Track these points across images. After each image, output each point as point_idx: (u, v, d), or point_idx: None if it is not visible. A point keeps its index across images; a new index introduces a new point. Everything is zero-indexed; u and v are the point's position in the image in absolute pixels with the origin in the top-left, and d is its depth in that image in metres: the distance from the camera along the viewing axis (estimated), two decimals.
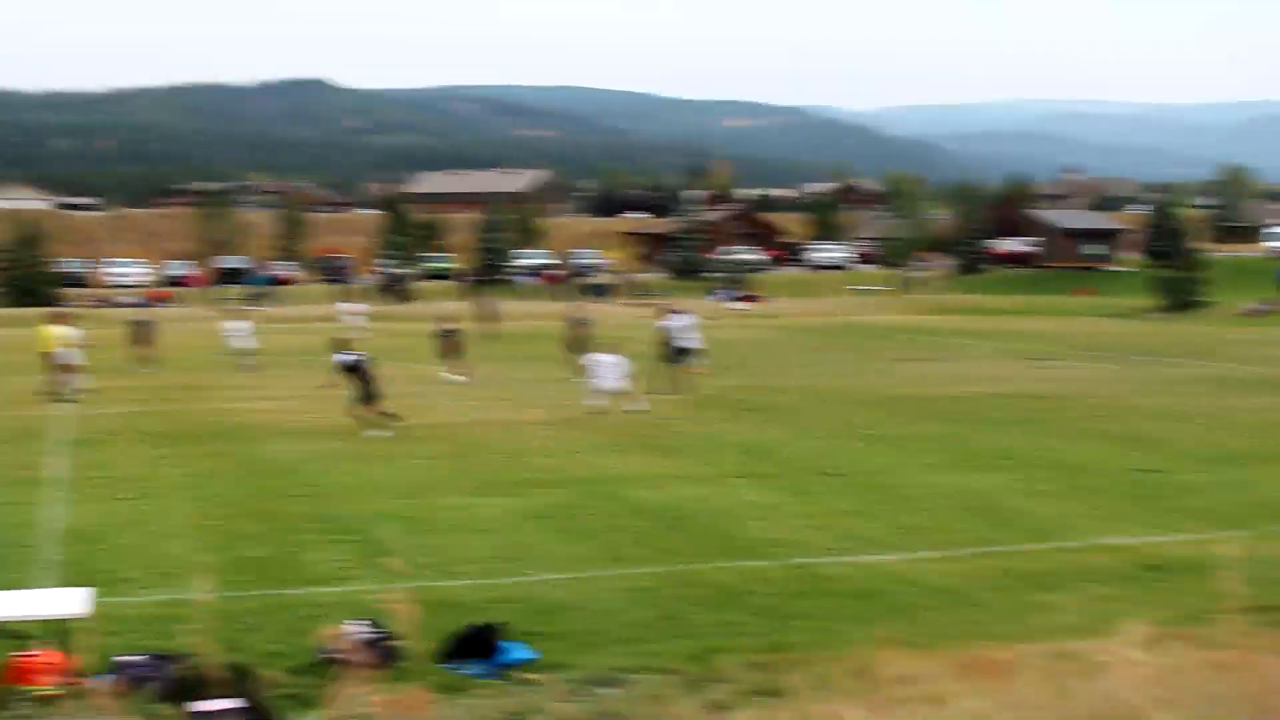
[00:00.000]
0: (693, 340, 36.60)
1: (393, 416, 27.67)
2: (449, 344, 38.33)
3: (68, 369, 34.89)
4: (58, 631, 11.64)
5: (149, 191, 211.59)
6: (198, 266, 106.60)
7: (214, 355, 42.88)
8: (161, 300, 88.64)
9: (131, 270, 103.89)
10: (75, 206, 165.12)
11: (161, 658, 11.69)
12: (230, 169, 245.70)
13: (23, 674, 11.24)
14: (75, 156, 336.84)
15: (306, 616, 13.54)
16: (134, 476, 22.55)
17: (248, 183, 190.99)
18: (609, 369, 30.82)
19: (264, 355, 43.52)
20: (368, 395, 27.81)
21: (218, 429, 28.56)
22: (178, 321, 63.80)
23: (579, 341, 38.72)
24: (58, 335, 35.29)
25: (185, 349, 41.30)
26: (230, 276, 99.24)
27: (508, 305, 69.99)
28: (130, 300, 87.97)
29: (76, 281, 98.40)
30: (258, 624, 13.28)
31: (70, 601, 12.10)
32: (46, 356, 35.03)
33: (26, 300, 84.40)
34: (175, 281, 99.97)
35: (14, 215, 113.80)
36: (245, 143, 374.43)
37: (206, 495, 20.78)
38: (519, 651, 12.11)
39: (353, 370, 27.92)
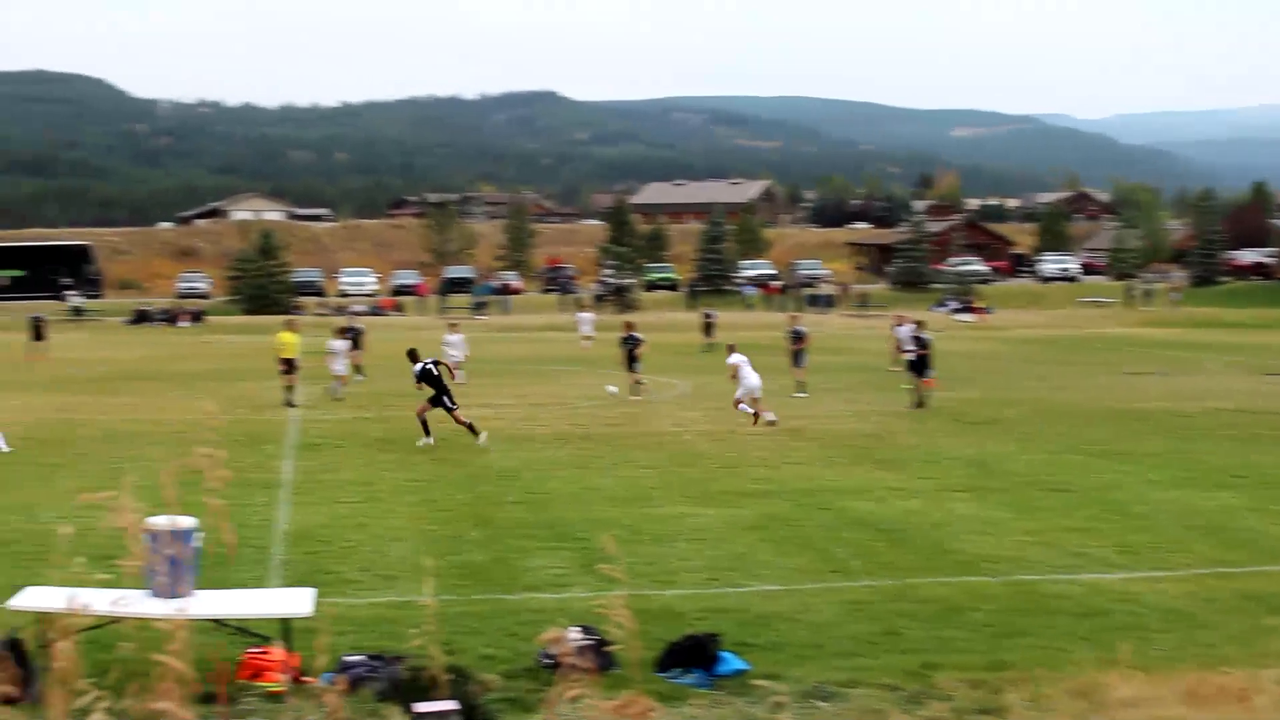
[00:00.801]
0: (913, 351, 36.65)
1: (470, 428, 27.53)
2: (628, 353, 38.06)
3: (329, 370, 36.59)
4: (284, 630, 11.91)
5: (380, 202, 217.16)
6: (426, 276, 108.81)
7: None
8: (390, 309, 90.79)
9: (362, 279, 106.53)
10: (309, 217, 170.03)
11: (383, 658, 11.88)
12: (459, 180, 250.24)
13: (252, 670, 11.54)
14: (311, 169, 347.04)
15: (524, 621, 13.64)
16: (358, 481, 23.04)
17: (475, 193, 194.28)
18: (751, 373, 30.96)
19: (488, 363, 44.11)
20: (439, 401, 27.78)
21: (440, 435, 28.99)
22: (404, 330, 65.20)
23: (795, 354, 38.40)
24: (294, 342, 36.29)
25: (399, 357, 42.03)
26: (457, 286, 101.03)
27: (730, 315, 70.07)
28: (361, 309, 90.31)
29: (311, 290, 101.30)
30: (476, 628, 13.41)
31: (296, 601, 12.37)
32: (282, 362, 36.05)
33: (263, 308, 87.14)
34: (404, 290, 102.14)
35: (253, 226, 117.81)
36: (474, 154, 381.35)
37: (428, 500, 21.11)
38: (734, 662, 12.02)
39: (426, 378, 28.01)
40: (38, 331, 54.48)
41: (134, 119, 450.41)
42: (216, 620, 11.82)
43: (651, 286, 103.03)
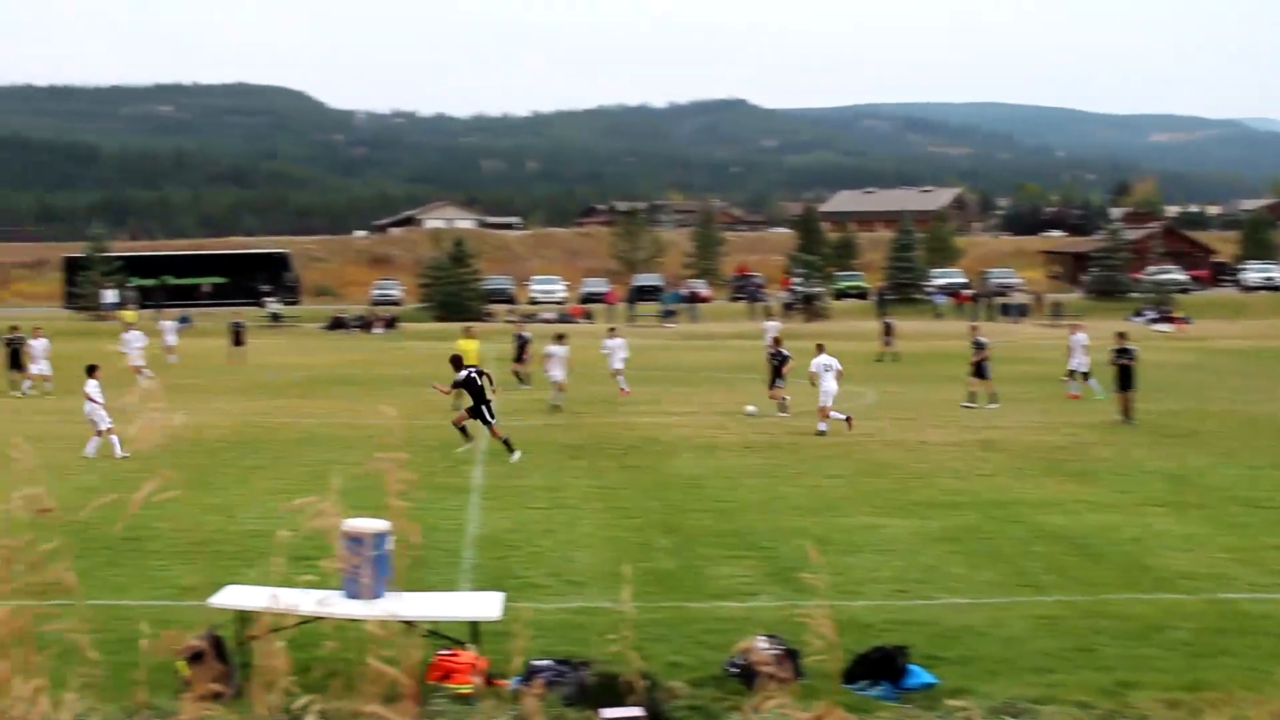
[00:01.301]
0: (1083, 361, 37.82)
1: (506, 444, 27.07)
2: (775, 368, 37.06)
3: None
4: (474, 633, 12.05)
5: (569, 210, 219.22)
6: (614, 284, 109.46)
7: (626, 370, 43.70)
8: (579, 316, 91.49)
9: (552, 287, 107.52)
10: (500, 225, 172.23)
11: (571, 663, 11.94)
12: (647, 188, 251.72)
13: (442, 672, 11.69)
14: (502, 177, 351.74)
15: (711, 630, 13.64)
16: (546, 487, 23.24)
17: (664, 202, 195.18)
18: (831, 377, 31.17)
19: (676, 371, 44.15)
20: (478, 411, 27.47)
21: (627, 443, 29.14)
22: (592, 337, 65.63)
23: (978, 364, 37.74)
24: (473, 349, 36.76)
25: (598, 364, 42.31)
26: (645, 294, 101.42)
27: (920, 325, 69.29)
28: (549, 316, 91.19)
29: (501, 297, 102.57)
30: (664, 635, 13.43)
31: (486, 605, 12.51)
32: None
33: (455, 315, 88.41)
34: (592, 298, 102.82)
35: (445, 234, 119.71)
36: (662, 162, 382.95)
37: (616, 507, 21.21)
38: (922, 676, 11.87)
39: (466, 385, 27.80)
40: (237, 337, 56.09)
41: (331, 130, 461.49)
42: (408, 622, 12.00)
43: (840, 295, 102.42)
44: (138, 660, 10.68)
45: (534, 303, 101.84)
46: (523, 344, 43.37)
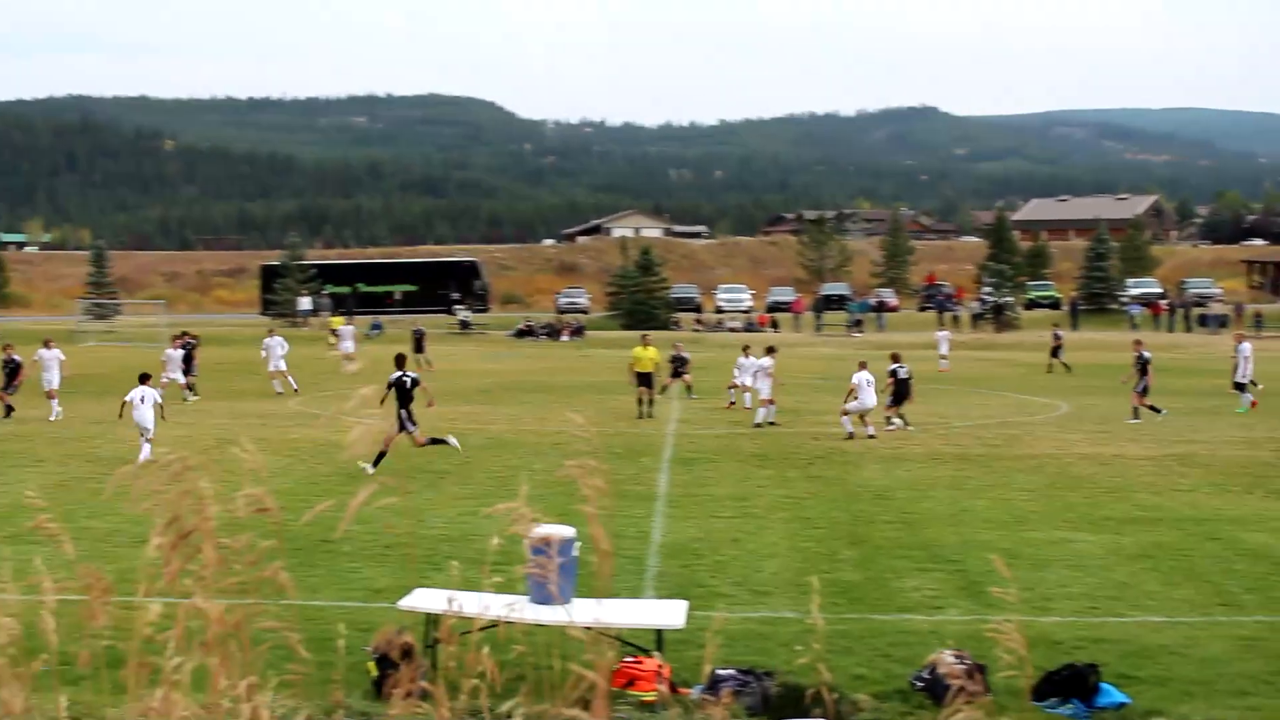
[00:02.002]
0: (1247, 372, 37.71)
1: (442, 442, 26.65)
2: (898, 387, 35.76)
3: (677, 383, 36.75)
4: (658, 641, 12.05)
5: (756, 219, 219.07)
6: (801, 293, 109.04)
7: (812, 379, 43.53)
8: (765, 325, 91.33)
9: (739, 296, 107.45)
10: (687, 234, 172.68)
11: (755, 673, 11.88)
12: (835, 197, 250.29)
13: (626, 679, 11.70)
14: (689, 186, 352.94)
15: (896, 643, 13.48)
16: (733, 495, 23.19)
17: (852, 210, 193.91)
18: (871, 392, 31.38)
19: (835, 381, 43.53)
20: (400, 416, 26.29)
21: (814, 452, 28.98)
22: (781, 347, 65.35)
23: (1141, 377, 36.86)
24: (650, 357, 36.91)
25: (784, 373, 42.11)
26: (833, 303, 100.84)
27: (1115, 336, 67.76)
28: (735, 325, 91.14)
29: (688, 306, 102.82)
30: (848, 647, 13.30)
31: (671, 613, 12.50)
32: (635, 376, 36.67)
33: (641, 324, 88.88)
34: (779, 307, 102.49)
35: (632, 242, 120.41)
36: (851, 171, 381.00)
37: (802, 517, 21.08)
38: (1114, 695, 11.57)
39: (394, 386, 26.74)
40: (418, 344, 57.05)
41: (522, 139, 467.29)
42: (589, 628, 12.03)
43: (1031, 305, 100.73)
44: (331, 659, 10.91)
45: (720, 311, 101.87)
46: (681, 361, 42.92)
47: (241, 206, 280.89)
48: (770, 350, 36.74)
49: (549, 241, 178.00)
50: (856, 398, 31.64)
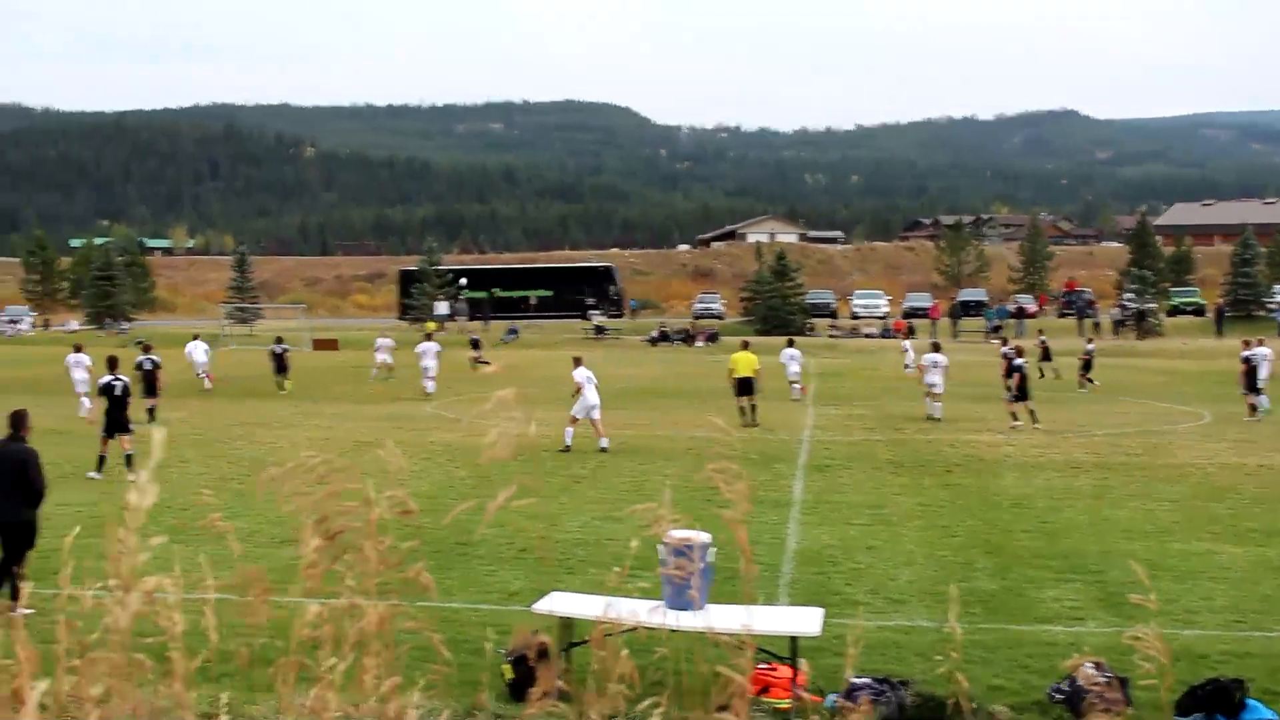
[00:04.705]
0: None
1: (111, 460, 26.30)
2: (1018, 383, 35.89)
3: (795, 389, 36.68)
4: (793, 648, 11.99)
5: (892, 225, 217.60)
6: (938, 299, 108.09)
7: (950, 385, 42.95)
8: (901, 331, 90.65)
9: (874, 301, 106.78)
10: (822, 239, 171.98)
11: (890, 682, 11.77)
12: (973, 202, 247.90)
13: (760, 686, 11.67)
14: (824, 191, 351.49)
15: (1034, 654, 13.28)
16: (868, 503, 23.01)
17: (990, 215, 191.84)
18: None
19: (1000, 388, 43.06)
20: (110, 420, 26.28)
21: (950, 460, 28.67)
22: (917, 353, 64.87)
23: (1248, 376, 36.19)
24: (750, 362, 36.75)
25: (915, 380, 41.75)
26: (970, 309, 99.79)
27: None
28: (871, 331, 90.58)
29: (823, 312, 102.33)
30: (985, 657, 13.13)
31: (806, 620, 12.44)
32: (735, 383, 36.47)
33: (776, 329, 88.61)
34: (915, 313, 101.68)
35: (767, 248, 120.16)
36: (988, 175, 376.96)
37: (938, 525, 20.86)
38: (1261, 711, 11.29)
39: (104, 392, 26.71)
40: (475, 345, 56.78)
41: (656, 145, 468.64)
42: (723, 634, 12.01)
43: (1174, 311, 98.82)
44: (468, 661, 11.02)
45: (856, 317, 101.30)
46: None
47: (380, 212, 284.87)
48: (937, 347, 39.36)
49: (684, 247, 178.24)
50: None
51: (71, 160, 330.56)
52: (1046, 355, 53.64)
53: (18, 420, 15.90)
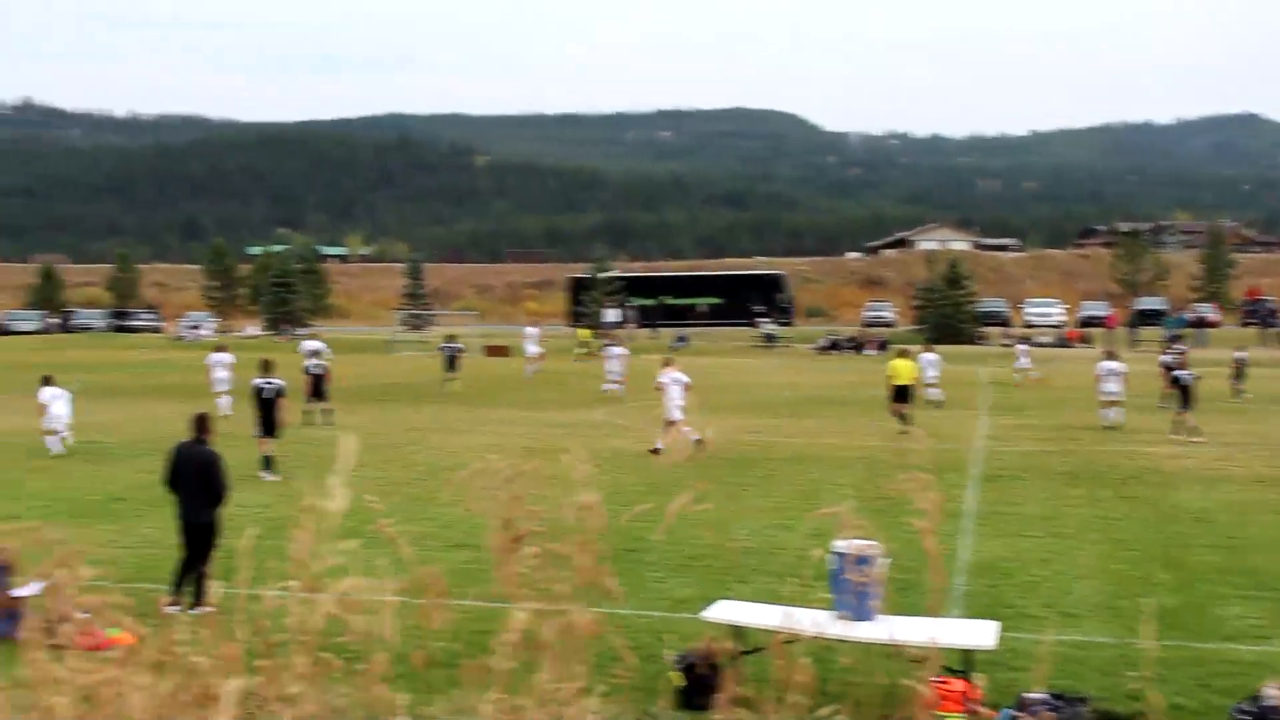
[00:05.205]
0: None
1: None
2: (1183, 392, 35.20)
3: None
4: (966, 661, 11.83)
5: (1068, 232, 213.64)
6: (1115, 307, 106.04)
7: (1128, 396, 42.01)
8: (1076, 340, 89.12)
9: (1048, 310, 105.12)
10: (995, 247, 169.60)
11: (1066, 698, 11.56)
12: (1151, 208, 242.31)
13: (933, 700, 11.52)
14: (998, 198, 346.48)
15: (1216, 673, 12.96)
16: (1042, 515, 22.63)
17: (1169, 222, 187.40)
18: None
19: (1153, 399, 42.00)
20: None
21: (1128, 472, 28.08)
22: (1083, 363, 63.74)
23: None
24: (908, 369, 36.51)
25: (1087, 389, 40.91)
26: (1148, 318, 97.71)
27: None
28: (1046, 340, 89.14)
29: (995, 320, 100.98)
30: (1164, 675, 12.80)
31: (980, 633, 12.27)
32: (893, 390, 36.14)
33: (947, 338, 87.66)
34: (1091, 322, 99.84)
35: (939, 255, 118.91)
36: (1167, 181, 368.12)
37: (1115, 539, 20.43)
38: None
39: (255, 394, 27.63)
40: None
41: (826, 152, 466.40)
42: (895, 646, 11.90)
43: None
44: (641, 667, 11.04)
45: (1029, 326, 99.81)
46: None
47: (550, 220, 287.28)
48: (1112, 354, 39.21)
49: (853, 254, 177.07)
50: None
51: (250, 170, 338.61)
52: (1240, 373, 51.67)
53: (201, 423, 16.34)
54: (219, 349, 41.38)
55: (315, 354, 44.49)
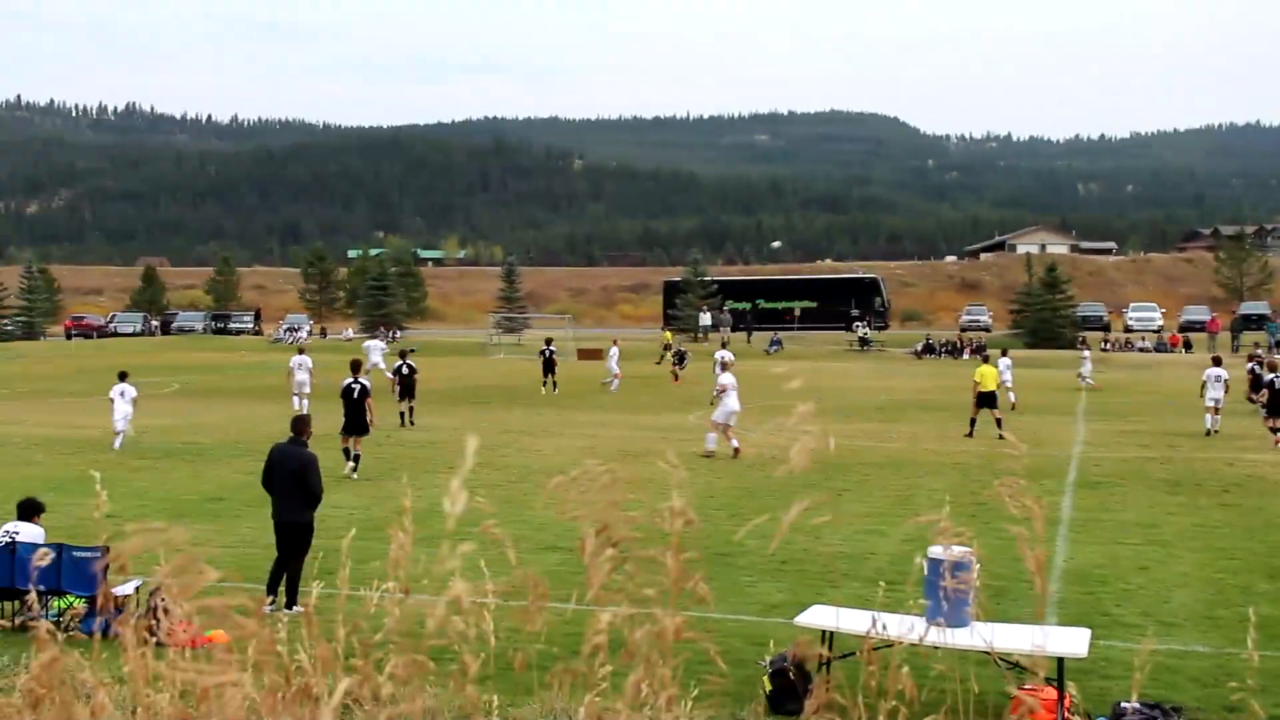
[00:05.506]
0: None
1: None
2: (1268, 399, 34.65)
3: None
4: (1059, 669, 11.75)
5: (1169, 235, 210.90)
6: (1217, 312, 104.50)
7: (1229, 402, 41.36)
8: (1177, 346, 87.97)
9: (1149, 315, 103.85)
10: (1095, 250, 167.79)
11: (1161, 708, 11.45)
12: (1256, 211, 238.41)
13: (1027, 708, 11.43)
14: (1099, 201, 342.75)
15: None
16: (1140, 522, 22.37)
17: (1273, 225, 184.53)
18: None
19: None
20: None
21: (1229, 479, 27.69)
22: (1183, 368, 62.94)
23: None
24: (993, 375, 37.00)
25: (1187, 394, 40.40)
26: (1251, 323, 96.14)
27: None
28: (1144, 345, 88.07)
29: (1094, 324, 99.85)
30: (1265, 685, 12.63)
31: (1072, 641, 12.17)
32: (979, 395, 35.89)
33: (1045, 342, 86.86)
34: (1192, 327, 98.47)
35: (1037, 259, 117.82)
36: (1274, 183, 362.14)
37: (1215, 547, 20.16)
38: None
39: (345, 396, 28.28)
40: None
41: (924, 155, 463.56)
42: (989, 653, 11.83)
43: None
44: (730, 672, 11.08)
45: (1129, 330, 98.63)
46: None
47: (646, 223, 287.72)
48: (1217, 360, 38.93)
49: (951, 258, 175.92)
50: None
51: (350, 174, 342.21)
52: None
53: (300, 425, 16.59)
54: (300, 352, 42.38)
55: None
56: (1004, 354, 44.64)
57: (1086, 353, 59.55)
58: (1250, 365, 37.77)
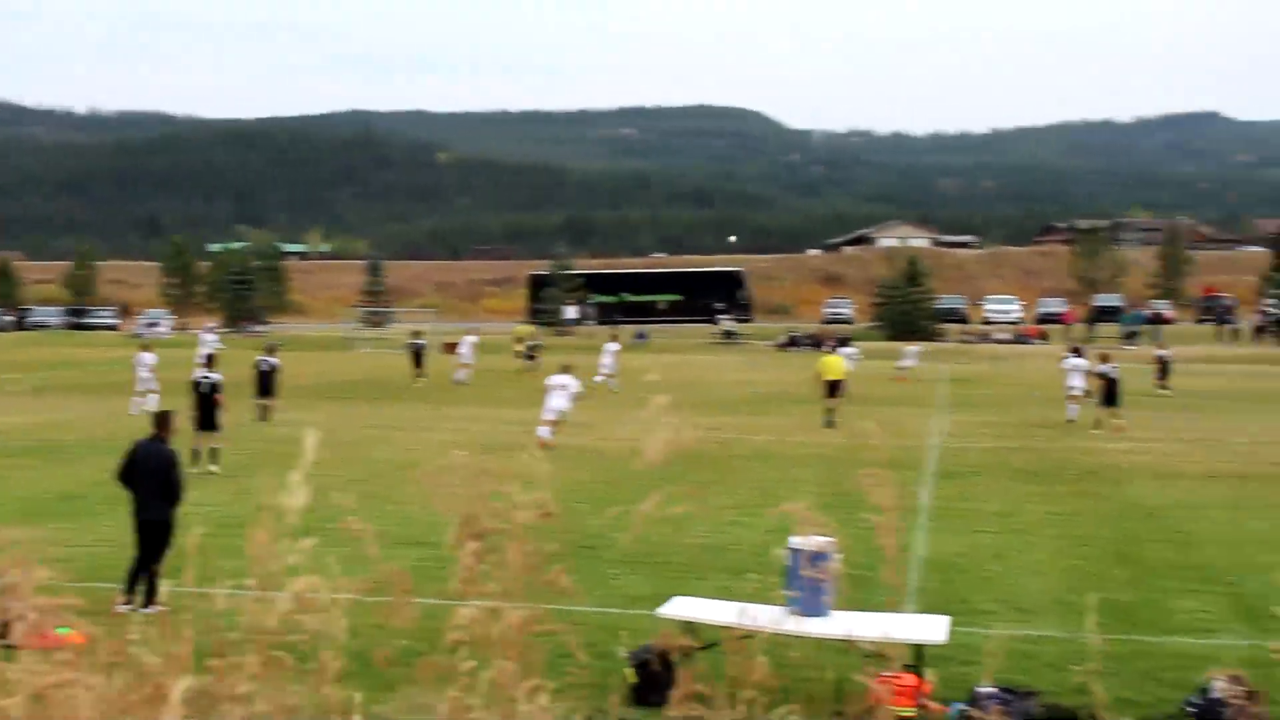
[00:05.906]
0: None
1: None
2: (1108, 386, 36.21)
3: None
4: (917, 656, 11.95)
5: (1028, 229, 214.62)
6: (1073, 304, 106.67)
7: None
8: (1034, 337, 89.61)
9: (1007, 307, 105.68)
10: (955, 244, 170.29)
11: (1017, 692, 11.70)
12: (1109, 206, 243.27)
13: (884, 695, 11.61)
14: (959, 196, 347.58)
15: (1166, 666, 13.13)
16: (998, 511, 22.80)
17: (1128, 219, 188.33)
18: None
19: (1134, 395, 42.43)
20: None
21: (1084, 468, 28.32)
22: (1041, 359, 64.16)
23: None
24: (837, 364, 38.21)
25: (1051, 386, 41.21)
26: (1105, 314, 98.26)
27: None
28: (1003, 336, 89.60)
29: (954, 317, 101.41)
30: (1114, 669, 12.95)
31: (929, 628, 12.39)
32: (824, 385, 36.93)
33: (906, 334, 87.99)
34: (1049, 319, 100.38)
35: (899, 253, 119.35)
36: (1127, 179, 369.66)
37: (1069, 534, 20.63)
38: None
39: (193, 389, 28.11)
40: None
41: (789, 150, 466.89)
42: (849, 641, 12.01)
43: None
44: (592, 664, 11.09)
45: (988, 322, 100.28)
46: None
47: (512, 217, 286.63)
48: (1077, 350, 40.35)
49: (814, 251, 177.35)
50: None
51: (212, 167, 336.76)
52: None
53: (163, 421, 16.36)
54: (144, 349, 41.38)
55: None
56: (845, 343, 45.43)
57: (914, 348, 60.80)
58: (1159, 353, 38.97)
